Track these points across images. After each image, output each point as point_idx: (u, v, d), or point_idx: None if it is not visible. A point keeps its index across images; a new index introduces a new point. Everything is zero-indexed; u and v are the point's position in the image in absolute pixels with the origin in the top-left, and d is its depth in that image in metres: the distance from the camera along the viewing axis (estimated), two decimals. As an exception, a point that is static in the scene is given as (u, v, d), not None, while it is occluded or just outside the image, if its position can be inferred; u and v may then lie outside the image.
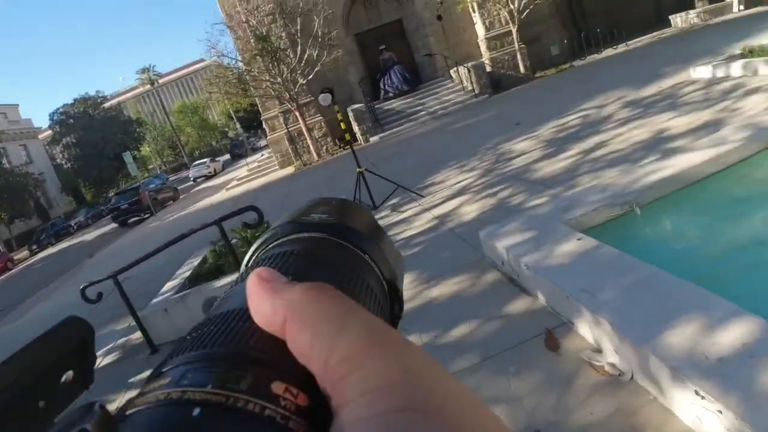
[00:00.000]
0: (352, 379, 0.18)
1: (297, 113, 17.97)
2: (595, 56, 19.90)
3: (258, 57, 16.88)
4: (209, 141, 73.21)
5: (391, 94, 19.42)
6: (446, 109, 17.76)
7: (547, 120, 9.79)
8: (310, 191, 11.29)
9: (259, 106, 20.54)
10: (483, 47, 19.80)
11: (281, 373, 0.20)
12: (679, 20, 20.49)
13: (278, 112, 19.28)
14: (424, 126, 16.69)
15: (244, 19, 17.38)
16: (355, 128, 17.55)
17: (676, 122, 6.41)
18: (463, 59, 19.27)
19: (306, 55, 16.94)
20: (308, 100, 18.49)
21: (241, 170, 29.73)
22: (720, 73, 8.30)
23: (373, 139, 17.42)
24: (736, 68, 7.96)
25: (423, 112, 18.09)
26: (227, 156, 56.37)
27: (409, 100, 19.03)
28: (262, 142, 52.45)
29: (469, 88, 18.20)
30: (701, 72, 8.82)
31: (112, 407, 0.19)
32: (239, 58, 18.27)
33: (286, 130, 19.19)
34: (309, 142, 18.49)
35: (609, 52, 19.83)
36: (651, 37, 20.12)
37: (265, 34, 16.83)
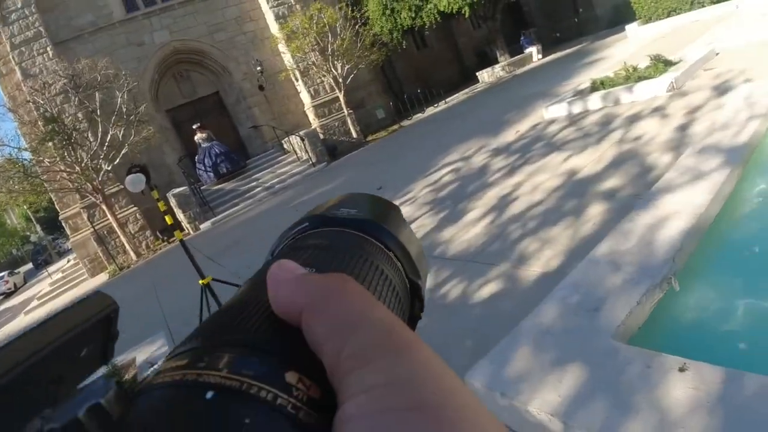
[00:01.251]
0: (360, 373, 0.18)
1: (104, 206, 14.68)
2: (420, 115, 20.29)
3: (48, 142, 13.57)
4: (9, 249, 61.65)
5: (210, 180, 17.01)
6: (285, 183, 16.12)
7: (411, 179, 8.70)
8: (133, 307, 8.55)
9: (55, 203, 16.68)
10: (311, 115, 18.93)
11: (296, 364, 0.20)
12: (486, 75, 22.01)
13: (80, 207, 15.74)
14: (263, 204, 14.78)
15: (29, 98, 14.03)
16: (180, 216, 14.88)
17: (577, 161, 5.60)
18: (293, 128, 18.10)
19: (109, 136, 14.07)
20: (117, 189, 15.40)
21: (45, 282, 24.20)
22: (577, 109, 8.04)
23: (204, 226, 14.92)
24: (595, 101, 7.74)
25: (258, 189, 16.15)
26: (30, 265, 47.33)
27: (240, 177, 17.03)
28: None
29: (305, 157, 16.90)
30: (555, 111, 8.55)
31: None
32: (24, 146, 14.64)
33: (92, 229, 15.64)
34: (123, 239, 15.22)
35: (431, 110, 20.38)
36: (465, 93, 21.25)
37: (55, 114, 13.67)
